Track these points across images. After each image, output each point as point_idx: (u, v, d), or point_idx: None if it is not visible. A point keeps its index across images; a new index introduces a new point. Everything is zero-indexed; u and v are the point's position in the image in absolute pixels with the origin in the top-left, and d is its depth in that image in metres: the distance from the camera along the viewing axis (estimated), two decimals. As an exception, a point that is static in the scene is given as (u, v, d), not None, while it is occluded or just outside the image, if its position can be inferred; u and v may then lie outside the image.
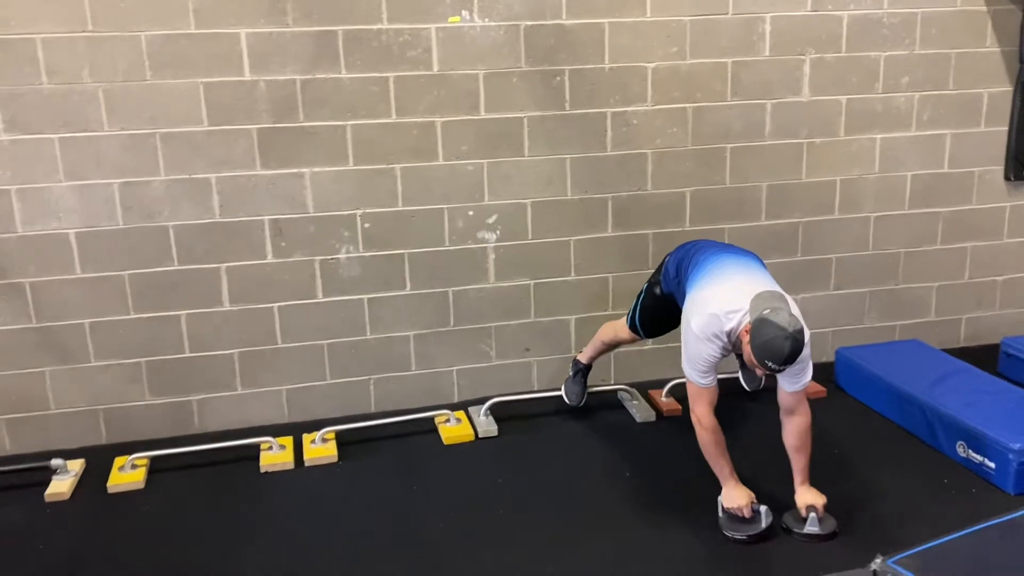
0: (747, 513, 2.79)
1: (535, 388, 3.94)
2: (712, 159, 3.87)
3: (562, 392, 3.73)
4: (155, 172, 3.40)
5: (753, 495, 2.83)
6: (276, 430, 3.59)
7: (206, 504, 3.14)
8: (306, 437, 3.52)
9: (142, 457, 3.35)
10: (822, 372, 4.00)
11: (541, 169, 3.73)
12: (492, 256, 3.78)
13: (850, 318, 4.23)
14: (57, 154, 3.31)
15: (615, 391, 3.89)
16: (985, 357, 4.05)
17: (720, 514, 2.85)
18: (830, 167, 4.01)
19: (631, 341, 3.52)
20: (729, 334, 2.72)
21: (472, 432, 3.58)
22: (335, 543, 2.88)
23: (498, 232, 3.76)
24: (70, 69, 3.24)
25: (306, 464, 3.37)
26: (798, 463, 2.90)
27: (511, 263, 3.80)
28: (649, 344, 3.92)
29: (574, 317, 3.92)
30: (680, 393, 3.76)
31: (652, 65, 3.71)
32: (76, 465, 3.34)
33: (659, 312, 3.29)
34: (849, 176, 4.04)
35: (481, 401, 3.76)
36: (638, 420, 3.67)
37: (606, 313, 3.90)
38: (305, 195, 3.54)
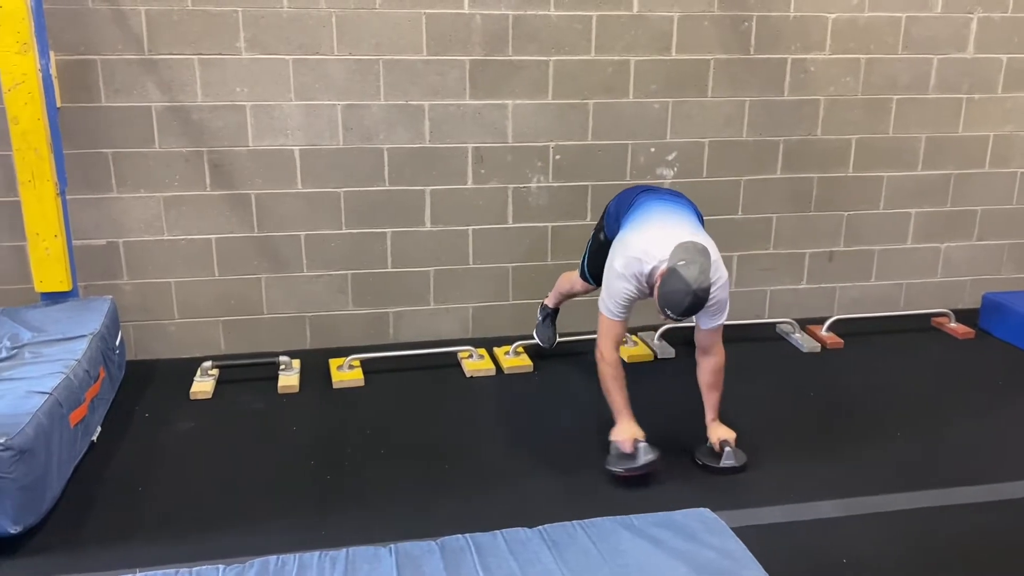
0: (628, 448, 2.82)
1: (694, 319, 4.20)
2: (878, 109, 4.09)
3: (534, 336, 3.76)
4: (375, 96, 3.64)
5: (640, 434, 2.85)
6: (461, 344, 3.86)
7: (425, 400, 3.43)
8: (498, 350, 3.80)
9: (357, 358, 3.63)
10: (967, 317, 4.26)
11: (721, 110, 3.95)
12: (667, 192, 4.02)
13: (988, 268, 4.46)
14: (290, 74, 3.56)
15: (773, 324, 4.14)
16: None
17: (611, 451, 2.89)
18: (985, 123, 4.22)
19: (583, 292, 3.51)
20: (648, 276, 2.79)
21: (651, 353, 3.85)
22: (556, 433, 3.16)
23: (676, 169, 4.00)
24: (308, -5, 3.49)
25: (505, 371, 3.66)
26: (711, 400, 3.00)
27: (684, 199, 4.04)
28: (803, 283, 4.20)
29: (736, 254, 4.14)
30: (840, 329, 4.02)
31: (833, 16, 3.91)
32: (296, 364, 3.64)
33: (604, 259, 3.24)
34: (1002, 132, 4.25)
35: (649, 328, 4.03)
36: (804, 350, 3.92)
37: (767, 252, 4.15)
38: (506, 125, 3.78)
